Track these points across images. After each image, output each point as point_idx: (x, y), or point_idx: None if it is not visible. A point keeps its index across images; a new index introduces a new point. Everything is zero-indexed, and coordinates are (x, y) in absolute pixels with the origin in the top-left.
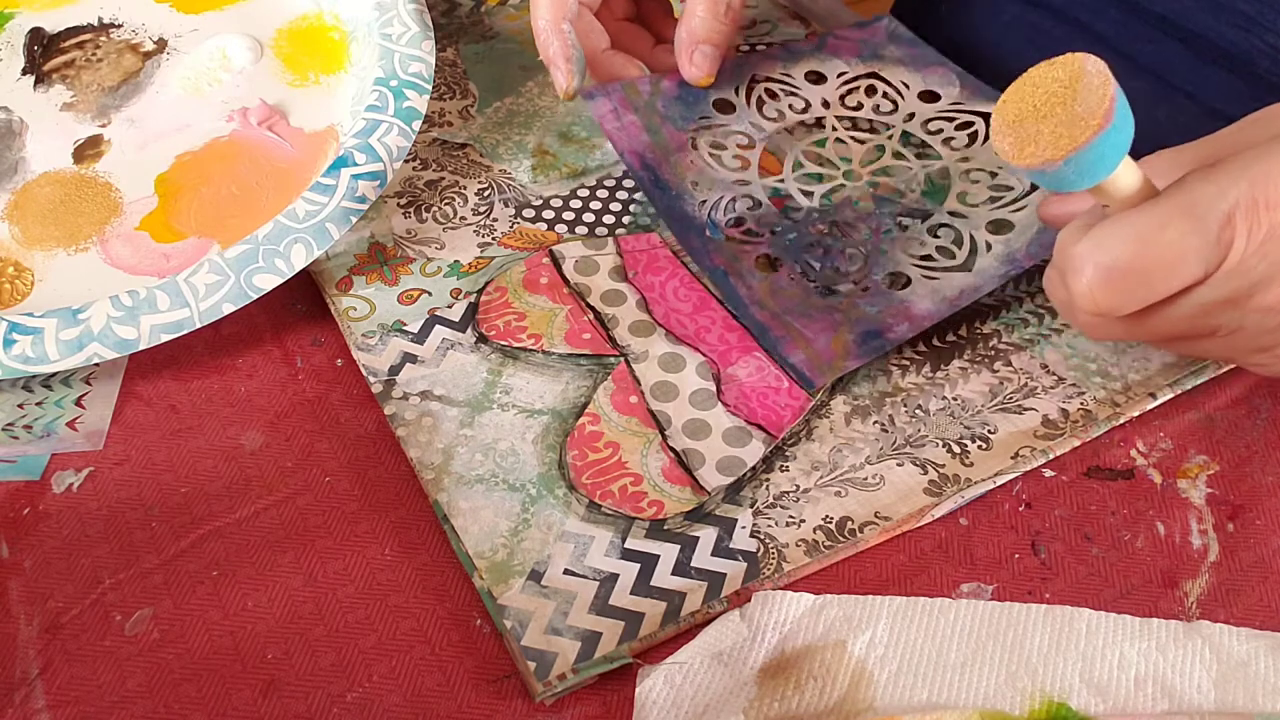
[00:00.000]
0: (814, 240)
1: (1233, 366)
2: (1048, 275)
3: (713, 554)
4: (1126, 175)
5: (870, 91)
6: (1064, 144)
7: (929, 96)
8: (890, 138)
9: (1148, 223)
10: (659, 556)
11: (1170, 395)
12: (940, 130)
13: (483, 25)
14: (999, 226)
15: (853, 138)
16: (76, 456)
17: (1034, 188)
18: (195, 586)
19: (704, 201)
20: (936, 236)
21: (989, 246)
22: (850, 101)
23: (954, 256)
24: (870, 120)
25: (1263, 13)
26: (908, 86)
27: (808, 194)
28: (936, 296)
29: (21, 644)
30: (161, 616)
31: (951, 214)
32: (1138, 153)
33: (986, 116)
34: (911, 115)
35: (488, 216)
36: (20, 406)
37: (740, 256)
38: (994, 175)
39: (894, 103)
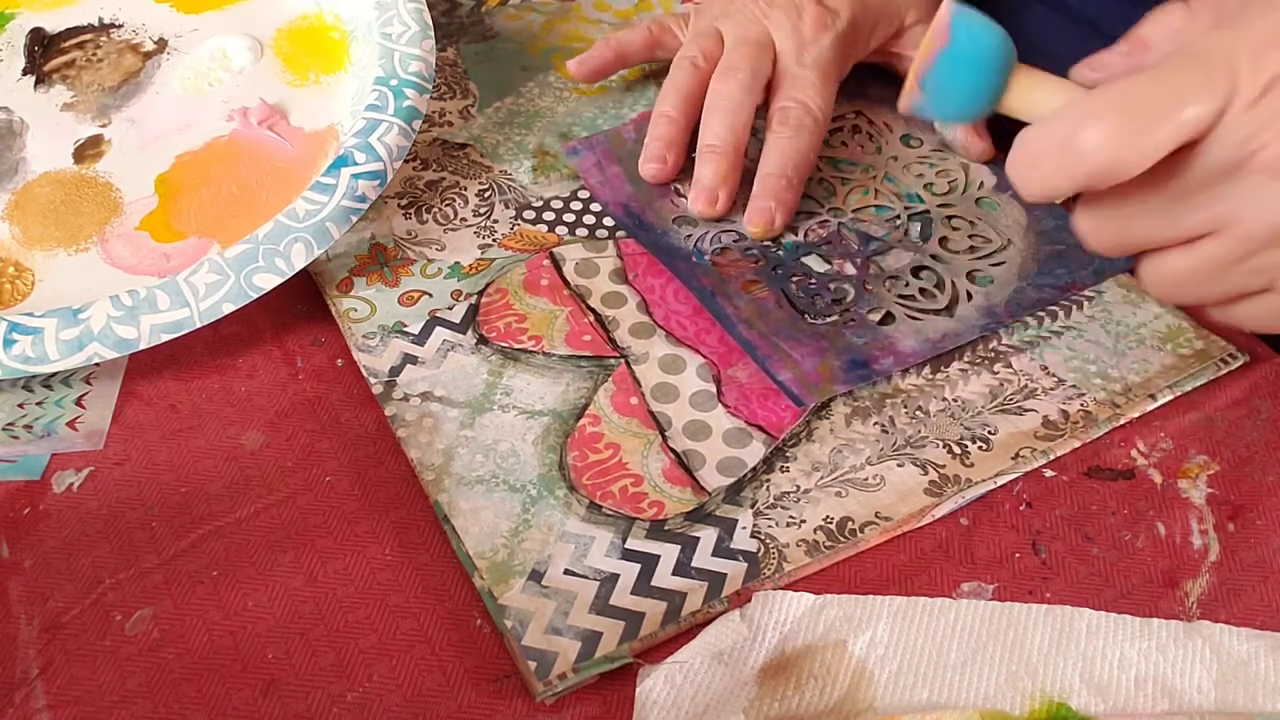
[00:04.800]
0: (800, 271)
1: (1233, 369)
2: (1025, 158)
3: (713, 554)
4: (1039, 91)
5: (855, 131)
6: (916, 72)
7: (910, 140)
8: (874, 178)
9: (1154, 71)
10: (659, 557)
11: (1170, 396)
12: (921, 175)
13: (483, 25)
14: (978, 278)
15: (837, 177)
16: (76, 456)
17: (1009, 242)
18: (195, 586)
19: (689, 235)
20: (919, 278)
21: (969, 296)
22: (834, 141)
23: (935, 299)
24: (854, 160)
25: None
26: (890, 129)
27: (793, 228)
28: (919, 337)
29: (21, 644)
30: (161, 616)
31: (934, 257)
32: None
33: (965, 165)
34: (895, 158)
35: (488, 218)
36: (20, 406)
37: (727, 279)
38: (973, 224)
39: (878, 145)
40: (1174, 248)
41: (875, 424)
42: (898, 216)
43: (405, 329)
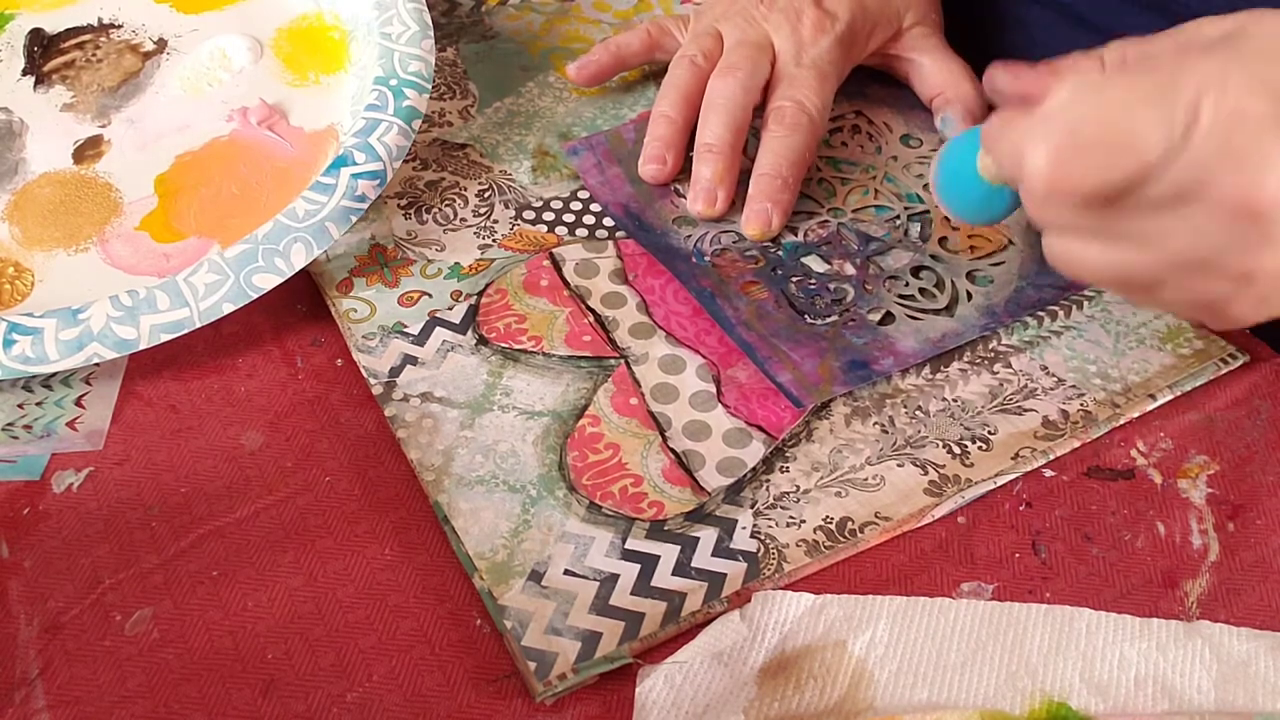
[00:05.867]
0: (800, 272)
1: (1233, 369)
2: (993, 141)
3: (713, 554)
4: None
5: (854, 131)
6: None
7: (910, 140)
8: (874, 178)
9: (1114, 93)
10: (659, 557)
11: (1170, 396)
12: (921, 175)
13: (483, 25)
14: (978, 278)
15: (837, 178)
16: (76, 456)
17: (1009, 242)
18: (195, 586)
19: (689, 236)
20: (919, 278)
21: (969, 296)
22: (834, 141)
23: (935, 299)
24: (854, 160)
25: None
26: (890, 129)
27: (793, 228)
28: (920, 336)
29: (21, 644)
30: (161, 616)
31: (933, 257)
32: None
33: None
34: (895, 158)
35: (488, 218)
36: (20, 406)
37: (727, 281)
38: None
39: (878, 145)
40: (1101, 240)
41: (875, 424)
42: (897, 217)
43: (405, 329)
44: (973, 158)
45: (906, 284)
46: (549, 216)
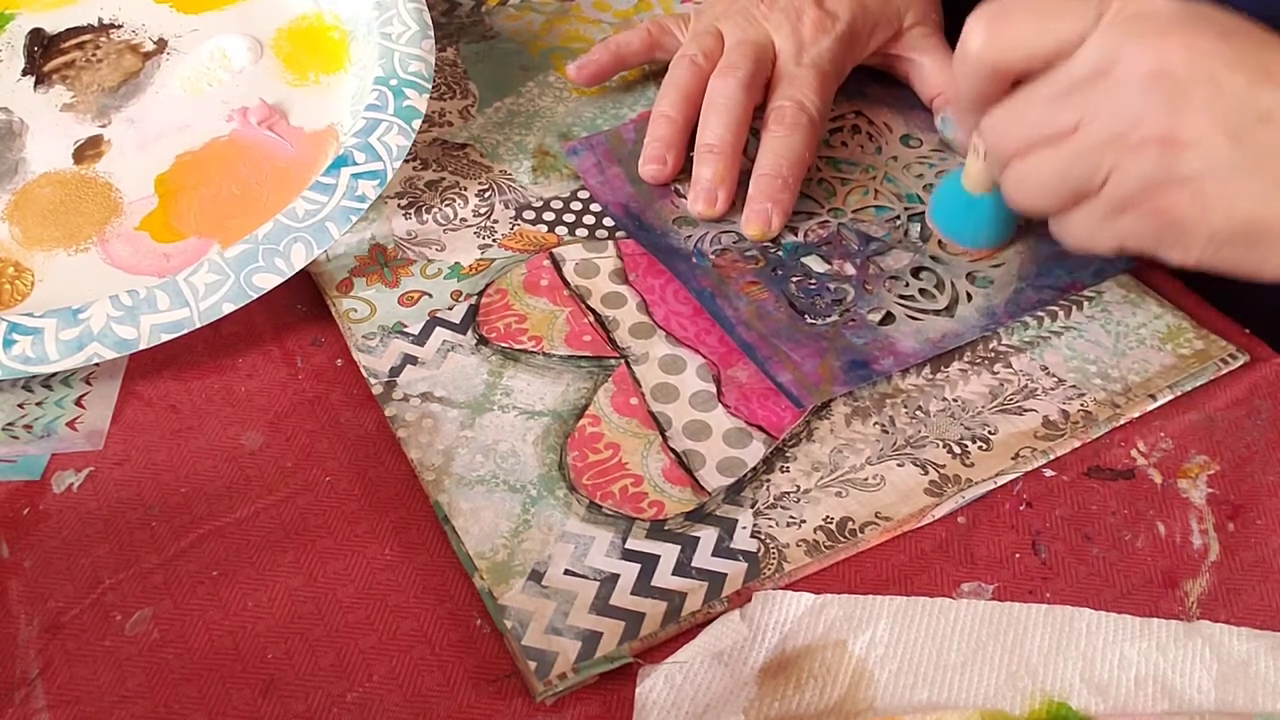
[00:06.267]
0: (800, 272)
1: (1233, 369)
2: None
3: (713, 554)
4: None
5: (855, 131)
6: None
7: (910, 141)
8: (874, 178)
9: None
10: (659, 557)
11: (1170, 396)
12: (921, 175)
13: (483, 25)
14: (978, 279)
15: (837, 178)
16: (76, 456)
17: (1009, 244)
18: (195, 586)
19: (689, 236)
20: (919, 278)
21: (969, 297)
22: (834, 141)
23: (935, 299)
24: (854, 161)
25: None
26: (890, 129)
27: (793, 229)
28: (920, 336)
29: (21, 644)
30: (161, 616)
31: (933, 258)
32: None
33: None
34: (895, 158)
35: (488, 218)
36: (20, 406)
37: (727, 281)
38: None
39: (878, 145)
40: (1043, 148)
41: (875, 424)
42: (897, 217)
43: (405, 329)
44: (958, 179)
45: (906, 284)
46: (549, 216)
